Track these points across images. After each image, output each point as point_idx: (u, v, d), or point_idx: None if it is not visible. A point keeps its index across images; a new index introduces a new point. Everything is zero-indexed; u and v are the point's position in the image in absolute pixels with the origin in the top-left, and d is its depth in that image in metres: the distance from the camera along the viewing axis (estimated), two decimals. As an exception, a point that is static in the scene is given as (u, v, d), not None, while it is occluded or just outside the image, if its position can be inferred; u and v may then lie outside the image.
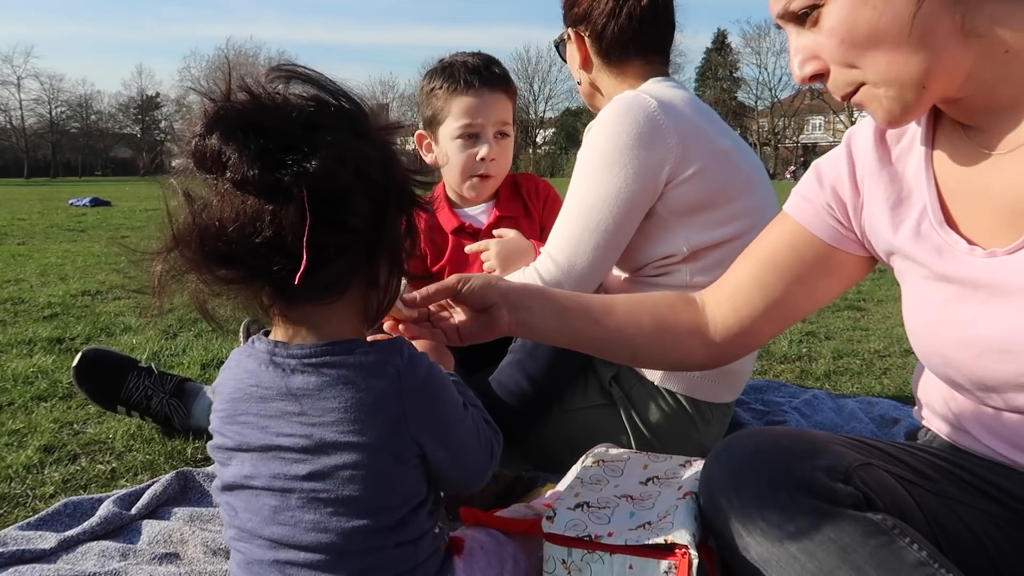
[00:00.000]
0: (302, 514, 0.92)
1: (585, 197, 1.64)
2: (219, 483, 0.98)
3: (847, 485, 0.94)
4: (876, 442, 1.09)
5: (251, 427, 0.93)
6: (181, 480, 1.74)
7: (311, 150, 0.81)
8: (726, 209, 1.65)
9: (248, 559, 0.96)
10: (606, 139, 1.61)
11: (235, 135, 0.81)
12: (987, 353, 0.94)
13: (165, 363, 2.86)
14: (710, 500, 1.01)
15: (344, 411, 0.89)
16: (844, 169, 1.11)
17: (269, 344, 0.94)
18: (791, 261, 1.17)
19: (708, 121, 1.69)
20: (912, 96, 0.93)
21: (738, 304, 1.21)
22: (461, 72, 1.90)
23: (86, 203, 14.10)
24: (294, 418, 0.91)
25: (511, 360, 1.70)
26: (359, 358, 0.91)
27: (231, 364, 0.98)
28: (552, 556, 1.07)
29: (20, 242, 7.54)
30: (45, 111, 62.60)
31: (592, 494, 1.14)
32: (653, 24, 1.76)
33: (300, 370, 0.91)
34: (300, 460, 0.91)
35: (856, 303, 4.34)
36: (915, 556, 0.89)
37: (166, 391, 2.09)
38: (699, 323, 1.23)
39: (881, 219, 1.07)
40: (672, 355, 1.28)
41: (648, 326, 1.23)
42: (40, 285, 4.76)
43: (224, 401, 0.96)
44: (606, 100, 1.75)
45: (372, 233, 0.88)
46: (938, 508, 1.02)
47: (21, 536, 1.49)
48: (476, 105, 1.90)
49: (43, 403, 2.37)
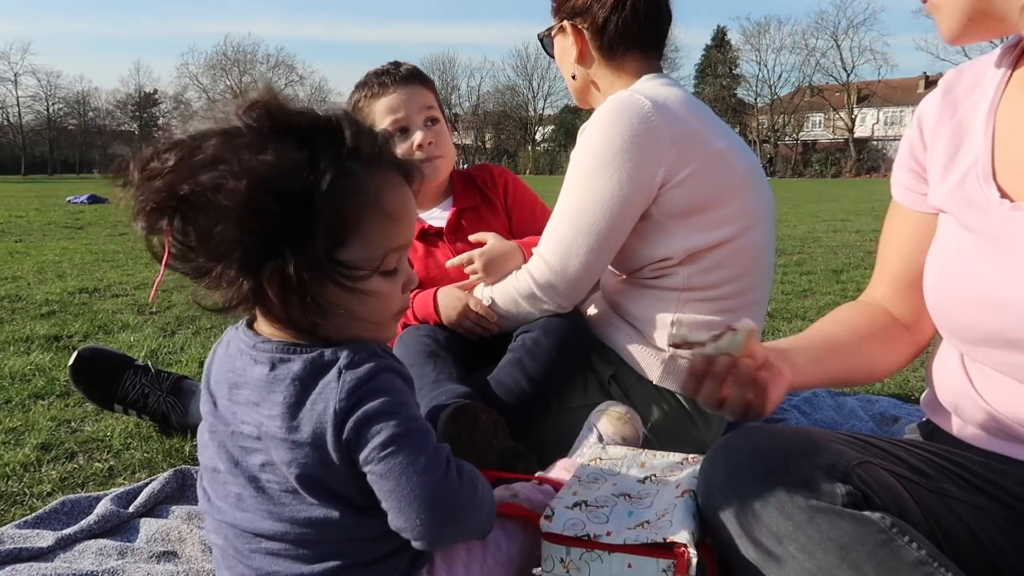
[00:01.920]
0: (259, 503, 0.93)
1: (579, 199, 1.63)
2: (200, 468, 1.00)
3: (845, 484, 0.93)
4: (875, 440, 1.09)
5: (223, 412, 0.96)
6: (179, 478, 1.73)
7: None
8: (722, 211, 1.64)
9: (223, 551, 0.98)
10: (600, 141, 1.60)
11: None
12: (983, 305, 0.97)
13: (163, 361, 2.86)
14: (708, 499, 1.00)
15: (285, 405, 0.89)
16: (915, 137, 1.17)
17: (248, 334, 0.96)
18: (921, 239, 1.18)
19: (703, 121, 1.67)
20: (958, 26, 1.00)
21: (909, 293, 1.21)
22: (372, 79, 1.97)
23: (84, 200, 14.07)
24: (253, 408, 0.92)
25: (510, 359, 1.70)
26: (310, 356, 0.91)
27: (218, 348, 1.00)
28: (550, 555, 1.07)
29: (17, 239, 7.53)
30: (42, 108, 62.54)
31: (590, 493, 1.14)
32: (657, 17, 1.74)
33: (262, 362, 0.92)
34: (255, 450, 0.92)
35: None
36: (914, 555, 0.88)
37: (163, 389, 2.09)
38: (896, 323, 1.25)
39: (937, 169, 1.11)
40: (893, 360, 1.26)
41: (875, 349, 1.23)
42: (37, 282, 4.75)
43: (205, 384, 0.99)
44: (602, 96, 1.73)
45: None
46: (936, 506, 1.02)
47: (18, 534, 1.48)
48: (396, 101, 1.94)
49: (40, 401, 2.36)
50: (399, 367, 0.93)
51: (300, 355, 0.91)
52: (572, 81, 1.84)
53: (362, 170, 0.88)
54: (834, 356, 1.19)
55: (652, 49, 1.77)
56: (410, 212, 0.94)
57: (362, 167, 0.88)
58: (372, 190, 0.89)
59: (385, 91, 1.94)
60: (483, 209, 2.03)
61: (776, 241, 1.93)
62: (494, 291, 1.74)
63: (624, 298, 1.75)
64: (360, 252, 0.88)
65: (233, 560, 0.97)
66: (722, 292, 1.67)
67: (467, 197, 2.04)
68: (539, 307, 1.69)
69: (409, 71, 1.99)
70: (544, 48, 1.91)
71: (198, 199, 0.82)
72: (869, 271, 5.55)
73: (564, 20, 1.78)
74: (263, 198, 0.81)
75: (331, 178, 0.84)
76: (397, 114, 1.93)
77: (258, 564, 0.95)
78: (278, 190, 0.82)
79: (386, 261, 0.91)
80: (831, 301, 4.29)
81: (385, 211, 0.90)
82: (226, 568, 0.99)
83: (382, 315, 0.94)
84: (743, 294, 1.70)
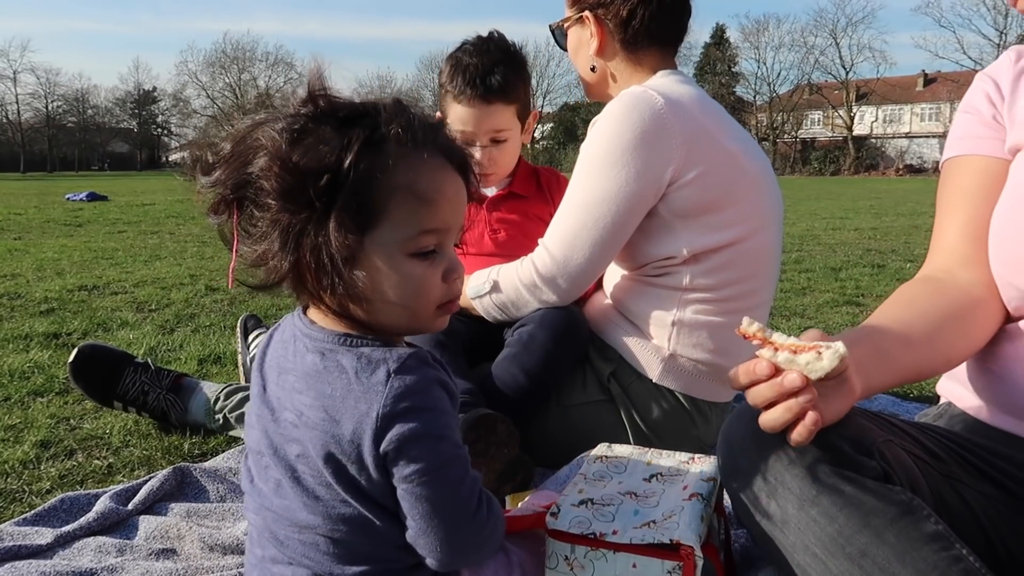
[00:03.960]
0: (296, 492, 0.93)
1: (586, 193, 1.62)
2: (247, 448, 1.02)
3: (871, 459, 0.94)
4: (892, 419, 1.10)
5: (271, 397, 0.97)
6: (178, 475, 1.73)
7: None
8: (730, 212, 1.63)
9: (260, 531, 0.99)
10: (610, 136, 1.59)
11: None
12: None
13: (162, 358, 2.86)
14: (730, 461, 1.00)
15: (331, 397, 0.90)
16: (991, 91, 1.21)
17: (303, 321, 0.97)
18: (992, 184, 1.17)
19: (716, 121, 1.65)
20: None
21: (982, 245, 1.15)
22: (458, 80, 1.91)
23: (83, 197, 14.06)
24: (297, 395, 0.93)
25: (507, 354, 1.69)
26: (361, 350, 0.91)
27: (275, 332, 1.03)
28: (555, 552, 1.06)
29: (16, 237, 7.52)
30: (41, 105, 62.50)
31: (596, 491, 1.13)
32: (681, 12, 1.74)
33: (313, 351, 0.93)
34: (293, 439, 0.93)
35: (854, 298, 4.33)
36: (934, 528, 0.89)
37: (163, 386, 2.09)
38: (969, 296, 1.13)
39: (1019, 117, 1.14)
40: (975, 337, 1.13)
41: (952, 333, 1.10)
42: (37, 280, 4.74)
43: (259, 366, 1.01)
44: (619, 89, 1.71)
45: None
46: (944, 487, 1.04)
47: (17, 532, 1.48)
48: (467, 116, 1.91)
49: (39, 398, 2.36)
50: (448, 381, 0.93)
51: (351, 348, 0.91)
52: (590, 73, 1.81)
53: (395, 152, 0.89)
54: (910, 352, 1.05)
55: (671, 44, 1.76)
56: (448, 195, 0.93)
57: (396, 149, 0.89)
58: (403, 172, 0.89)
59: (462, 100, 1.90)
60: (534, 201, 2.03)
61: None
62: (499, 275, 1.73)
63: (625, 295, 1.75)
64: (389, 231, 0.89)
65: (268, 542, 0.97)
66: (725, 294, 1.66)
67: (526, 186, 2.05)
68: (539, 297, 1.69)
69: (496, 88, 1.89)
70: (555, 39, 1.89)
71: (248, 188, 0.89)
72: (868, 269, 5.58)
73: (586, 11, 1.75)
74: (290, 175, 0.86)
75: (354, 158, 0.86)
76: (465, 127, 1.91)
77: (292, 552, 0.95)
78: (305, 170, 0.86)
79: (418, 242, 0.91)
80: (830, 299, 4.29)
81: (417, 192, 0.90)
82: (259, 547, 0.99)
83: (418, 302, 0.93)
84: (746, 297, 1.69)
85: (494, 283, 1.73)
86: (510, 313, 1.73)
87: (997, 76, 1.22)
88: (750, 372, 0.91)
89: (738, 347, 1.70)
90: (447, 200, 0.93)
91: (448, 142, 0.95)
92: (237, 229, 0.92)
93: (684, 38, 1.79)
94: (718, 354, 1.69)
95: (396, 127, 0.89)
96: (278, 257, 0.89)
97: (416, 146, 0.91)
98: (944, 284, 1.15)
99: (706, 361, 1.69)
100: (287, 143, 0.87)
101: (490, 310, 1.75)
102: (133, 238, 7.48)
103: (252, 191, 0.89)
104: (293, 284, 0.92)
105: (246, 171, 0.89)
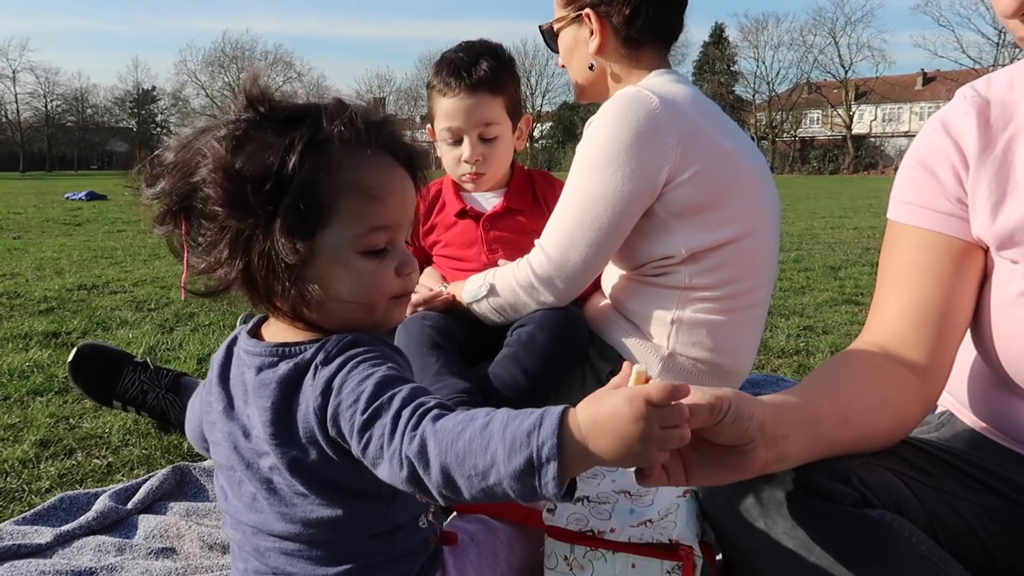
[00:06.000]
0: (271, 504, 0.93)
1: (582, 193, 1.62)
2: (216, 465, 1.00)
3: (846, 486, 0.94)
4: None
5: (239, 414, 0.95)
6: (177, 475, 1.73)
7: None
8: (726, 211, 1.63)
9: (240, 545, 0.98)
10: (606, 136, 1.59)
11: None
12: None
13: (161, 358, 2.86)
14: (711, 498, 1.01)
15: (274, 411, 0.89)
16: (952, 154, 1.06)
17: (244, 337, 0.97)
18: (951, 269, 1.07)
19: (711, 120, 1.66)
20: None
21: (929, 331, 1.07)
22: (443, 74, 1.89)
23: (82, 197, 14.07)
24: (254, 411, 0.92)
25: (506, 353, 1.69)
26: (295, 358, 0.90)
27: (222, 348, 1.01)
28: (554, 551, 1.06)
29: (16, 236, 7.52)
30: (41, 105, 62.44)
31: (590, 488, 1.14)
32: (679, 8, 1.74)
33: (251, 366, 0.93)
34: (264, 452, 0.92)
35: (853, 297, 4.34)
36: (914, 550, 0.89)
37: (162, 386, 2.09)
38: (909, 381, 1.07)
39: (984, 203, 1.03)
40: (906, 425, 1.10)
41: (886, 416, 1.06)
42: (36, 279, 4.74)
43: (222, 382, 0.99)
44: (617, 88, 1.71)
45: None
46: (937, 503, 1.03)
47: (17, 531, 1.48)
48: (454, 110, 1.88)
49: (39, 397, 2.36)
50: (376, 350, 0.90)
51: (286, 358, 0.91)
52: (587, 73, 1.80)
53: (339, 151, 0.89)
54: (846, 431, 1.00)
55: (670, 41, 1.76)
56: (395, 191, 0.93)
57: (340, 148, 0.89)
58: (348, 170, 0.89)
59: (448, 93, 1.87)
60: (529, 214, 1.97)
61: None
62: (496, 277, 1.73)
63: (625, 294, 1.75)
64: (338, 231, 0.89)
65: (249, 556, 0.97)
66: (724, 292, 1.66)
67: (521, 198, 1.99)
68: (536, 298, 1.69)
69: (480, 77, 1.86)
70: (545, 41, 1.87)
71: (193, 197, 0.88)
72: (867, 268, 5.58)
73: (586, 9, 1.73)
74: (233, 183, 0.85)
75: (297, 160, 0.86)
76: (452, 123, 1.88)
77: (274, 563, 0.95)
78: (247, 175, 0.85)
79: (368, 240, 0.90)
80: (829, 298, 4.29)
81: (363, 190, 0.90)
82: (241, 561, 0.99)
83: (372, 298, 0.92)
84: (745, 295, 1.69)
85: (491, 287, 1.72)
86: (508, 315, 1.73)
87: (960, 137, 1.06)
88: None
89: (737, 345, 1.71)
90: (394, 196, 0.93)
91: (393, 138, 0.94)
92: (186, 239, 0.92)
93: (679, 35, 1.78)
94: (718, 352, 1.69)
95: (339, 126, 0.89)
96: (228, 264, 0.89)
97: (360, 144, 0.90)
98: (883, 364, 1.07)
99: (705, 360, 1.69)
100: (229, 150, 0.86)
101: (488, 314, 1.75)
102: (132, 237, 7.48)
103: (198, 201, 0.88)
104: (245, 290, 0.92)
105: (190, 180, 0.88)
